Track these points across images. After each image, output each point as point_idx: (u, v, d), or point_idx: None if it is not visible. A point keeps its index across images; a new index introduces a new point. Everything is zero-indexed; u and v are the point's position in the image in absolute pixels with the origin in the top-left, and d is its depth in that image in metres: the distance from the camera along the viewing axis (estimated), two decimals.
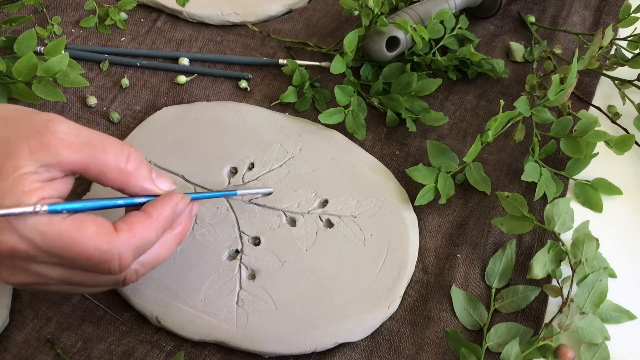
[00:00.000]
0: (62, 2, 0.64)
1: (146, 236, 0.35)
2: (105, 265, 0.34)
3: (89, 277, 0.35)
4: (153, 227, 0.36)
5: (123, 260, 0.34)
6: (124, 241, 0.34)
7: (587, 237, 0.44)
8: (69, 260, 0.33)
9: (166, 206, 0.37)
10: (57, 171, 0.33)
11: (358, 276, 0.44)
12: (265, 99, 0.57)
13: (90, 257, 0.33)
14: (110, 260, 0.34)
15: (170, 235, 0.38)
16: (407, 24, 0.52)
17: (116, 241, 0.34)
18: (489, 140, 0.48)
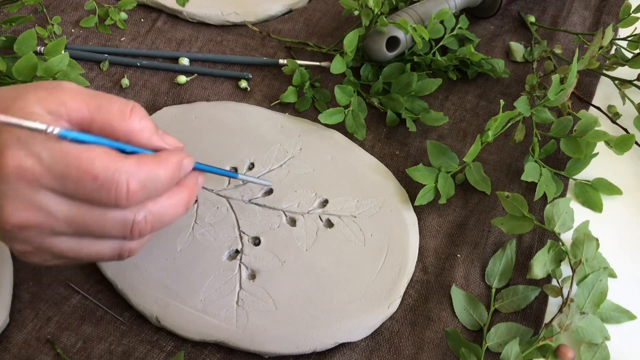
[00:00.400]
0: (62, 2, 0.64)
1: (155, 172, 0.34)
2: (111, 188, 0.32)
3: (96, 216, 0.34)
4: (162, 166, 0.34)
5: (131, 186, 0.33)
6: (132, 166, 0.33)
7: (587, 237, 0.44)
8: (75, 182, 0.32)
9: (174, 155, 0.36)
10: (64, 122, 0.33)
11: (358, 276, 0.44)
12: (265, 99, 0.57)
13: (96, 176, 0.32)
14: (117, 183, 0.32)
15: (177, 194, 0.36)
16: (407, 24, 0.52)
17: (124, 163, 0.33)
18: (489, 140, 0.48)
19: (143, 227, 0.35)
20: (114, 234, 0.35)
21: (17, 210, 0.32)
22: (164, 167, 0.35)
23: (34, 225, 0.33)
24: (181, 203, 0.37)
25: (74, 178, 0.32)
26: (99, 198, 0.33)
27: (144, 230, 0.35)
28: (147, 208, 0.35)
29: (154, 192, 0.35)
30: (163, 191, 0.35)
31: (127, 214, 0.34)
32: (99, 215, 0.34)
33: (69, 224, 0.33)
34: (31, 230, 0.33)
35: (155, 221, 0.35)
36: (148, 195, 0.34)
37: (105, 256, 0.36)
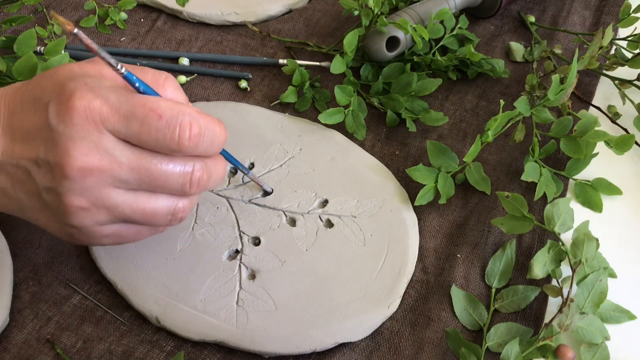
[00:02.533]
0: (62, 2, 0.64)
1: (213, 125, 0.35)
2: (176, 128, 0.33)
3: (158, 164, 0.34)
4: (217, 123, 0.36)
5: (193, 129, 0.34)
6: (194, 111, 0.34)
7: (587, 237, 0.44)
8: (140, 122, 0.33)
9: (220, 120, 0.37)
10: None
11: (358, 276, 0.44)
12: (265, 99, 0.57)
13: (161, 115, 0.33)
14: (181, 123, 0.33)
15: (222, 159, 0.38)
16: (407, 24, 0.52)
17: (187, 107, 0.34)
18: (489, 140, 0.48)
19: (201, 176, 0.36)
20: (174, 185, 0.35)
21: (82, 153, 0.33)
22: (219, 125, 0.36)
23: (97, 169, 0.33)
24: (224, 166, 0.38)
25: (140, 117, 0.33)
26: (162, 138, 0.33)
27: (202, 181, 0.36)
28: (204, 161, 0.36)
29: (210, 146, 0.36)
30: (218, 148, 0.37)
31: (186, 164, 0.35)
32: (161, 162, 0.34)
33: (131, 170, 0.34)
34: (93, 176, 0.33)
35: (209, 176, 0.37)
36: (206, 145, 0.35)
37: (159, 215, 0.36)
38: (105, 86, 0.34)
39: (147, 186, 0.35)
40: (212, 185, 0.37)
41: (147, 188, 0.35)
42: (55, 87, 0.34)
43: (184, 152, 0.34)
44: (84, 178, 0.33)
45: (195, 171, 0.36)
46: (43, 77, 0.36)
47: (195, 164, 0.36)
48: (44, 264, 0.45)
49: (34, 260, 0.45)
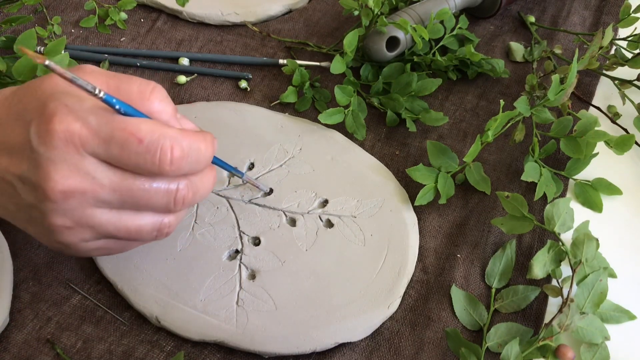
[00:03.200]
0: (62, 2, 0.64)
1: (197, 144, 0.35)
2: (156, 152, 0.33)
3: (141, 184, 0.34)
4: (202, 140, 0.35)
5: (175, 152, 0.33)
6: (176, 133, 0.34)
7: (587, 237, 0.44)
8: (120, 146, 0.32)
9: (209, 134, 0.37)
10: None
11: (358, 276, 0.44)
12: (265, 99, 0.57)
13: (142, 139, 0.32)
14: (162, 147, 0.33)
15: (210, 171, 0.37)
16: (407, 24, 0.52)
17: (169, 129, 0.34)
18: (489, 140, 0.48)
19: (186, 194, 0.35)
20: (158, 204, 0.35)
21: (63, 176, 0.32)
22: (204, 141, 0.35)
23: (79, 191, 0.33)
24: (212, 179, 0.38)
25: (120, 141, 0.32)
26: (143, 162, 0.33)
27: (187, 199, 0.36)
28: (189, 178, 0.36)
29: (195, 165, 0.35)
30: (203, 165, 0.36)
31: (170, 183, 0.35)
32: (143, 183, 0.34)
33: (113, 191, 0.34)
34: (75, 198, 0.33)
35: (195, 192, 0.36)
36: (190, 165, 0.35)
37: (144, 232, 0.36)
38: (86, 107, 0.33)
39: (130, 206, 0.35)
40: (198, 199, 0.37)
41: (131, 207, 0.35)
42: (37, 106, 0.33)
43: (167, 175, 0.34)
44: (65, 200, 0.33)
45: (179, 190, 0.35)
46: (28, 89, 0.35)
47: (179, 183, 0.35)
48: (44, 264, 0.45)
49: (34, 260, 0.45)
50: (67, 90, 0.34)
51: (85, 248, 0.36)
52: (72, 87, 0.33)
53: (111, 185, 0.34)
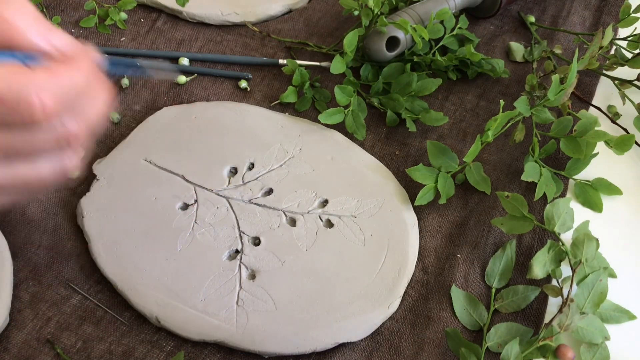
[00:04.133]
0: (62, 2, 0.64)
1: (70, 81, 0.30)
2: (24, 107, 0.28)
3: (22, 136, 0.30)
4: (75, 68, 0.30)
5: (45, 101, 0.29)
6: (41, 78, 0.29)
7: (587, 237, 0.44)
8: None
9: (85, 56, 0.32)
10: None
11: (358, 276, 0.44)
12: (265, 99, 0.57)
13: (3, 99, 0.28)
14: (28, 101, 0.28)
15: (99, 92, 0.32)
16: (407, 24, 0.52)
17: (31, 78, 0.29)
18: (489, 140, 0.48)
19: (77, 131, 0.31)
20: (49, 148, 0.31)
21: None
22: (78, 70, 0.31)
23: None
24: (103, 97, 0.33)
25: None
26: (13, 121, 0.29)
27: (80, 134, 0.31)
28: (75, 111, 0.31)
29: (76, 100, 0.31)
30: (84, 95, 0.31)
31: (55, 127, 0.30)
32: (24, 134, 0.30)
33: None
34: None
35: (89, 120, 0.32)
36: (70, 105, 0.31)
37: (47, 177, 0.32)
38: None
39: (20, 159, 0.31)
40: (95, 125, 0.32)
41: (21, 160, 0.31)
42: None
43: (45, 122, 0.30)
44: None
45: (68, 129, 0.31)
46: None
47: (67, 123, 0.31)
48: (44, 264, 0.45)
49: (34, 260, 0.45)
50: None
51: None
52: None
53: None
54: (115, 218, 0.47)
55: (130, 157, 0.50)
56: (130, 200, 0.48)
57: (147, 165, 0.50)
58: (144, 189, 0.48)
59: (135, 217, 0.47)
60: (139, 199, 0.48)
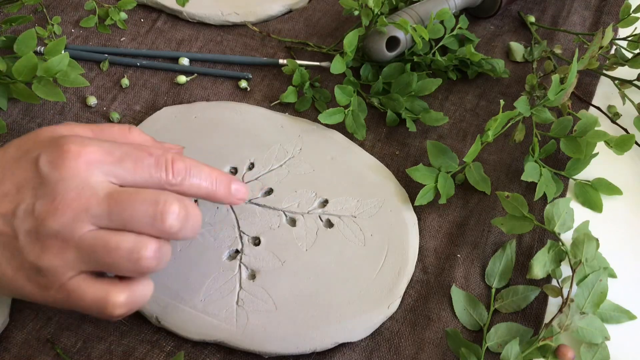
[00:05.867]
0: (62, 2, 0.64)
1: (194, 163, 0.39)
2: (162, 163, 0.37)
3: (129, 195, 0.36)
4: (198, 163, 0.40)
5: (175, 162, 0.38)
6: (173, 152, 0.39)
7: (587, 237, 0.44)
8: (134, 160, 0.37)
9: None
10: None
11: (358, 276, 0.44)
12: (265, 99, 0.57)
13: (151, 154, 0.37)
14: (166, 159, 0.38)
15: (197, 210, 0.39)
16: (407, 24, 0.52)
17: (168, 149, 0.40)
18: (489, 140, 0.48)
19: (175, 210, 0.36)
20: (143, 215, 0.35)
21: (68, 190, 0.35)
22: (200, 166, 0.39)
23: (80, 205, 0.34)
24: (199, 215, 0.38)
25: (134, 156, 0.36)
26: (153, 172, 0.37)
27: (174, 215, 0.35)
28: (182, 199, 0.36)
29: (189, 178, 0.38)
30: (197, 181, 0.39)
31: (159, 195, 0.36)
32: (132, 194, 0.35)
33: (106, 200, 0.35)
34: (72, 209, 0.34)
35: (187, 213, 0.36)
36: (188, 178, 0.38)
37: (121, 250, 0.35)
38: (93, 138, 0.37)
39: (116, 220, 0.35)
40: (187, 225, 0.36)
41: (116, 223, 0.35)
42: (45, 142, 0.36)
43: (170, 184, 0.37)
44: (67, 206, 0.34)
45: (167, 202, 0.35)
46: (24, 140, 0.37)
47: (169, 196, 0.36)
48: None
49: None
50: (64, 131, 0.38)
51: (59, 281, 0.35)
52: (65, 129, 0.38)
53: (105, 194, 0.35)
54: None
55: None
56: None
57: None
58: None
59: None
60: None
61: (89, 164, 0.35)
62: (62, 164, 0.34)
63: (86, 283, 0.35)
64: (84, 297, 0.35)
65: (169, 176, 0.37)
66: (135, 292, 0.36)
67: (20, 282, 0.35)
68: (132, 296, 0.36)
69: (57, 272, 0.35)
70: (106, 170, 0.35)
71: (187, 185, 0.38)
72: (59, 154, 0.35)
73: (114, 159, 0.36)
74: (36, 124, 0.54)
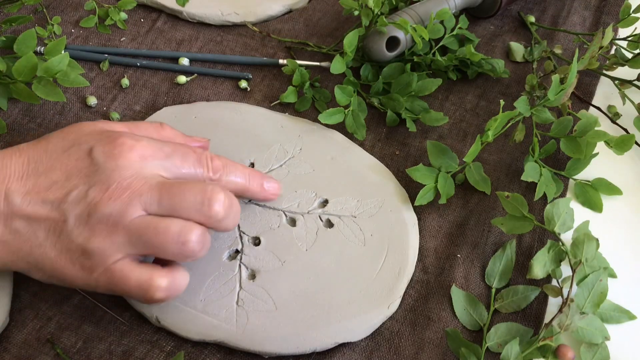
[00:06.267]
0: (62, 2, 0.64)
1: (229, 162, 0.44)
2: (203, 159, 0.42)
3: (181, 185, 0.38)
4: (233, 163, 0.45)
5: (214, 160, 0.42)
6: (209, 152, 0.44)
7: (587, 237, 0.44)
8: (181, 156, 0.40)
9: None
10: None
11: (358, 276, 0.44)
12: (265, 99, 0.57)
13: (195, 151, 0.42)
14: (206, 156, 0.42)
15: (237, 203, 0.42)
16: (407, 24, 0.52)
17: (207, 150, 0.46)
18: (489, 140, 0.48)
19: (221, 199, 0.38)
20: (192, 200, 0.38)
21: (123, 176, 0.38)
22: (236, 165, 0.44)
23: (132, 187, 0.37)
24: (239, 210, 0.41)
25: (181, 153, 0.40)
26: (198, 166, 0.40)
27: (221, 202, 0.38)
28: (225, 190, 0.39)
29: (227, 176, 0.42)
30: (233, 177, 0.43)
31: (206, 185, 0.39)
32: (185, 182, 0.39)
33: (158, 188, 0.37)
34: (127, 192, 0.37)
35: (231, 202, 0.39)
36: (224, 174, 0.42)
37: (170, 234, 0.37)
38: (142, 135, 0.41)
39: (166, 204, 0.37)
40: (230, 215, 0.39)
41: (166, 208, 0.37)
42: (96, 135, 0.39)
43: (211, 180, 0.41)
44: (120, 192, 0.37)
45: (213, 189, 0.38)
46: (68, 132, 0.40)
47: (215, 186, 0.39)
48: None
49: None
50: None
51: (105, 263, 0.37)
52: (104, 126, 0.42)
53: (158, 184, 0.37)
54: None
55: None
56: None
57: None
58: None
59: None
60: None
61: (142, 158, 0.38)
62: (118, 155, 0.37)
63: (131, 266, 0.37)
64: (128, 280, 0.37)
65: (210, 172, 0.41)
66: (176, 278, 0.38)
67: (63, 263, 0.37)
68: (173, 282, 0.38)
69: (105, 254, 0.37)
70: (157, 165, 0.38)
71: (225, 181, 0.42)
72: (114, 145, 0.38)
73: (163, 155, 0.39)
74: (36, 124, 0.54)
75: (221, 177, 0.42)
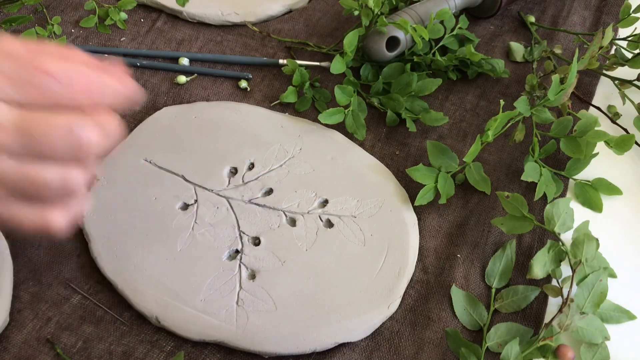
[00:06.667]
0: (62, 2, 0.64)
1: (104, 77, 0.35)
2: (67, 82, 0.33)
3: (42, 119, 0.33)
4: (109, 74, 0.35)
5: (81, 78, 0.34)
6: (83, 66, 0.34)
7: (587, 237, 0.44)
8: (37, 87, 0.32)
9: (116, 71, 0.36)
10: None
11: (358, 276, 0.44)
12: (265, 99, 0.57)
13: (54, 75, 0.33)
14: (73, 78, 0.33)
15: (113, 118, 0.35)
16: (407, 24, 0.52)
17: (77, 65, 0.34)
18: (489, 140, 0.48)
19: (91, 134, 0.33)
20: (61, 144, 0.33)
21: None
22: (109, 77, 0.35)
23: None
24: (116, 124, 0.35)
25: (37, 82, 0.32)
26: (58, 95, 0.33)
27: (92, 138, 0.33)
28: (94, 120, 0.33)
29: (101, 97, 0.34)
30: (110, 100, 0.35)
31: (73, 122, 0.33)
32: (46, 118, 0.32)
33: (15, 131, 0.32)
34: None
35: (103, 134, 0.34)
36: (96, 96, 0.34)
37: (49, 182, 0.34)
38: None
39: (32, 151, 0.33)
40: (104, 143, 0.34)
41: (33, 154, 0.33)
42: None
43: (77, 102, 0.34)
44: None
45: (84, 126, 0.33)
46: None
47: (83, 121, 0.33)
48: (44, 264, 0.45)
49: (34, 260, 0.45)
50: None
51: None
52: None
53: (14, 126, 0.32)
54: (115, 218, 0.47)
55: (131, 157, 0.50)
56: (131, 200, 0.48)
57: (147, 165, 0.50)
58: (144, 189, 0.48)
59: (135, 217, 0.47)
60: (139, 199, 0.48)
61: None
62: None
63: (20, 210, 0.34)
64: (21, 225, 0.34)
65: (74, 94, 0.34)
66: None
67: None
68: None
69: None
70: (8, 98, 0.32)
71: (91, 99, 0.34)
72: None
73: (16, 87, 0.32)
74: None
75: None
